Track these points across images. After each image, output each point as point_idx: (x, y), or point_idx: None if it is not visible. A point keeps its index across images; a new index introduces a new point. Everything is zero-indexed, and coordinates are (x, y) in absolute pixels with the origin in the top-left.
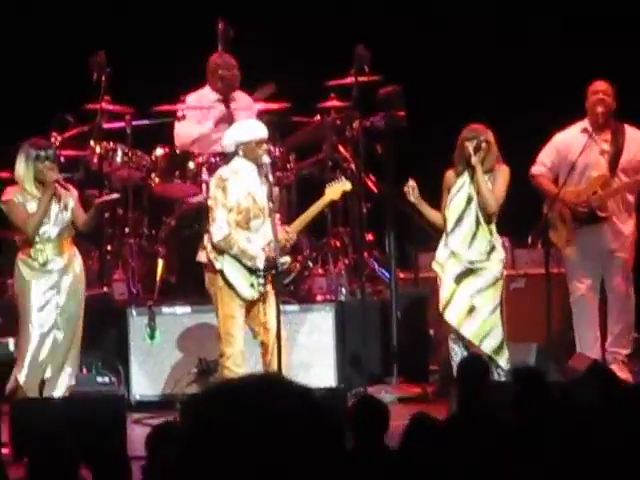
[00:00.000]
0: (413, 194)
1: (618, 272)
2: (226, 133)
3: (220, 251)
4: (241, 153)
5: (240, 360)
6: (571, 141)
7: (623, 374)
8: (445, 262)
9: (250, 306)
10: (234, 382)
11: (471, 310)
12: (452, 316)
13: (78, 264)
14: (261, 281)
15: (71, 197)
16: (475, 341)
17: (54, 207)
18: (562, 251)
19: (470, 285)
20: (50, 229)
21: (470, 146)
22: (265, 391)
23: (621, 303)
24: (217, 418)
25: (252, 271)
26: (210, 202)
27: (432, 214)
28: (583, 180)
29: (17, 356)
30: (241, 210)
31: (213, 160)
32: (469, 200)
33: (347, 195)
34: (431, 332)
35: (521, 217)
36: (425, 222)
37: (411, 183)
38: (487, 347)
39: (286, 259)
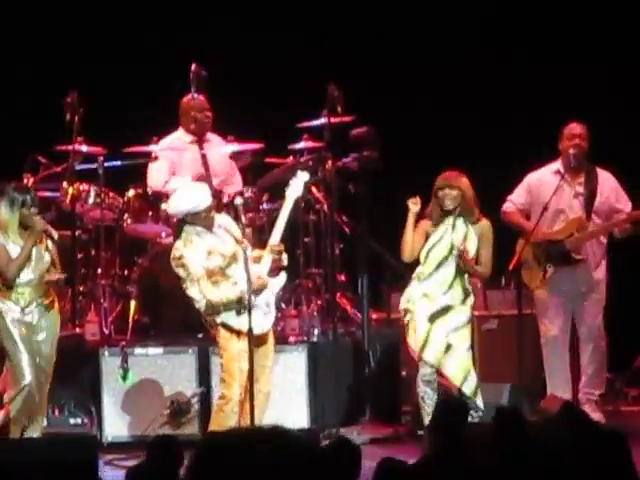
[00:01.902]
0: (414, 207)
1: (590, 314)
2: (173, 201)
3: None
4: (189, 220)
5: (237, 407)
6: (543, 182)
7: (595, 415)
8: (418, 301)
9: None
10: (247, 431)
11: (448, 348)
12: (431, 356)
13: (55, 307)
14: (266, 309)
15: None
16: (457, 382)
17: (35, 251)
18: (533, 292)
19: (445, 324)
20: (31, 273)
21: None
22: (274, 440)
23: (594, 344)
24: (231, 460)
25: (249, 309)
26: (181, 282)
27: (413, 238)
28: (556, 222)
29: (8, 394)
30: (211, 271)
31: None
32: (450, 249)
33: (319, 233)
34: (403, 373)
35: (493, 258)
36: (405, 244)
37: (418, 199)
38: (467, 388)
39: (281, 277)
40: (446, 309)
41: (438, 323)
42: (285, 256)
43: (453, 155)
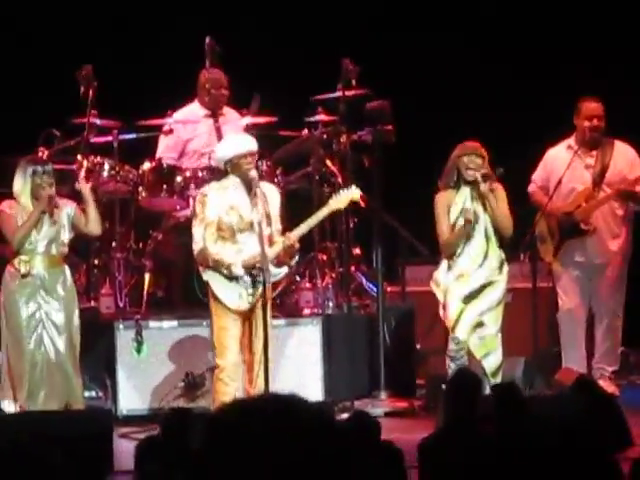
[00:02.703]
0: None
1: (606, 288)
2: (219, 149)
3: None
4: (229, 169)
5: (234, 373)
6: (557, 158)
7: (610, 388)
8: (451, 284)
9: (243, 320)
10: (254, 399)
11: (478, 325)
12: (462, 333)
13: (66, 280)
14: (250, 291)
15: (67, 210)
16: (478, 355)
17: (46, 221)
18: (551, 265)
19: (480, 303)
20: (38, 242)
21: (476, 172)
22: (283, 407)
23: (608, 321)
24: (237, 429)
25: (237, 281)
26: (193, 219)
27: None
28: (570, 196)
29: (8, 372)
30: (223, 224)
31: (200, 174)
32: (475, 219)
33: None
34: (418, 346)
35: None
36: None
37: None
38: (488, 365)
39: (282, 270)
40: (484, 286)
41: (473, 303)
42: (296, 258)
43: (468, 129)
